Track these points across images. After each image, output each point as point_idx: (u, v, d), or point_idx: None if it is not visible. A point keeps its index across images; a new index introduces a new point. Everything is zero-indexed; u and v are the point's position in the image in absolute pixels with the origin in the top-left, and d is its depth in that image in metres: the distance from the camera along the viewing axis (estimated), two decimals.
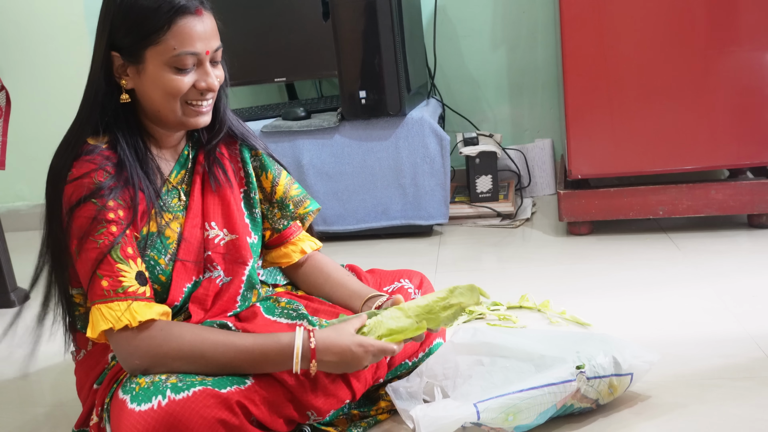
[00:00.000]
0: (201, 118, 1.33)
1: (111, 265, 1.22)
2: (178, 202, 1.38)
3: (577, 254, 2.32)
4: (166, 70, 1.26)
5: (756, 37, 2.25)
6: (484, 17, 3.03)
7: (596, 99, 2.34)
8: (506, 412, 1.30)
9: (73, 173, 1.25)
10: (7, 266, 2.35)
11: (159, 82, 1.27)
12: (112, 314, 1.21)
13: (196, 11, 1.26)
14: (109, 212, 1.24)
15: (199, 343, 1.24)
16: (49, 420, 1.63)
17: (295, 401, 1.28)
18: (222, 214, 1.41)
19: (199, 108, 1.32)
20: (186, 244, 1.36)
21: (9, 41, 3.22)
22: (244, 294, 1.42)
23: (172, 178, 1.39)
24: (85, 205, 1.23)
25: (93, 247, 1.23)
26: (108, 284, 1.22)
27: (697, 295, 1.92)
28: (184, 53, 1.25)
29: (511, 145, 3.07)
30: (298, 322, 1.39)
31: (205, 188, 1.41)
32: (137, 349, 1.23)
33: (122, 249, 1.24)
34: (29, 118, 3.23)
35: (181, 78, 1.27)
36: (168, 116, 1.31)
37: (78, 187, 1.24)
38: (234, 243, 1.41)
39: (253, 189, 1.48)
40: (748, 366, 1.53)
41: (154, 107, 1.31)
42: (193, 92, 1.30)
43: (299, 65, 2.88)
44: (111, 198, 1.24)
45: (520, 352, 1.44)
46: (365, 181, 2.60)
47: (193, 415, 1.16)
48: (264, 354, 1.25)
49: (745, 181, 2.35)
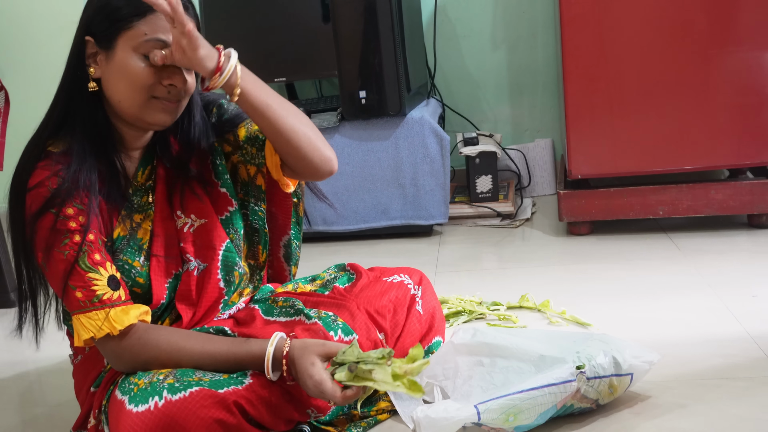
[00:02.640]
0: (162, 115, 1.27)
1: (81, 275, 1.22)
2: (147, 200, 1.37)
3: (577, 254, 2.32)
4: (134, 57, 1.24)
5: (756, 37, 2.25)
6: (484, 17, 3.03)
7: (596, 99, 2.34)
8: (507, 413, 1.30)
9: (30, 182, 1.24)
10: (7, 266, 2.34)
11: (125, 69, 1.24)
12: (92, 324, 1.22)
13: None
14: (69, 221, 1.22)
15: (175, 352, 1.26)
16: (49, 420, 1.63)
17: (294, 400, 1.27)
18: (187, 199, 1.39)
19: (166, 104, 1.27)
20: (157, 239, 1.35)
21: (9, 41, 3.22)
22: (226, 278, 1.40)
23: (139, 177, 1.37)
24: (45, 216, 1.22)
25: (60, 259, 1.22)
26: (82, 295, 1.22)
27: (697, 295, 1.92)
28: (154, 39, 1.23)
29: (511, 145, 3.07)
30: (295, 318, 1.39)
31: (167, 178, 1.39)
32: (120, 357, 1.26)
33: (89, 257, 1.23)
34: (29, 118, 3.20)
35: (148, 68, 1.24)
36: (129, 109, 1.26)
37: (36, 197, 1.23)
38: (204, 227, 1.38)
39: (217, 155, 1.42)
40: (748, 366, 1.53)
41: (116, 98, 1.26)
42: (159, 88, 1.26)
43: (299, 65, 2.88)
44: (70, 205, 1.22)
45: (520, 352, 1.43)
46: (365, 181, 2.60)
47: (190, 415, 1.16)
48: (237, 362, 1.26)
49: (745, 181, 2.35)
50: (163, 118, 1.28)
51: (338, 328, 1.36)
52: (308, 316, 1.38)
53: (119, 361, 1.26)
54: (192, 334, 1.30)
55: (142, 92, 1.25)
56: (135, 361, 1.25)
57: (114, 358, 1.26)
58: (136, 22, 1.23)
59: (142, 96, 1.25)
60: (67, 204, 1.22)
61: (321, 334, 1.33)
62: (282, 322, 1.40)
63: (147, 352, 1.25)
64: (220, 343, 1.27)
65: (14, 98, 2.42)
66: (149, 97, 1.26)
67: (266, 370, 1.24)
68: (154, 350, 1.25)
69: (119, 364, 1.27)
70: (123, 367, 1.27)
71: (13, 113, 2.38)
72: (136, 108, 1.26)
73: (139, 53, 1.24)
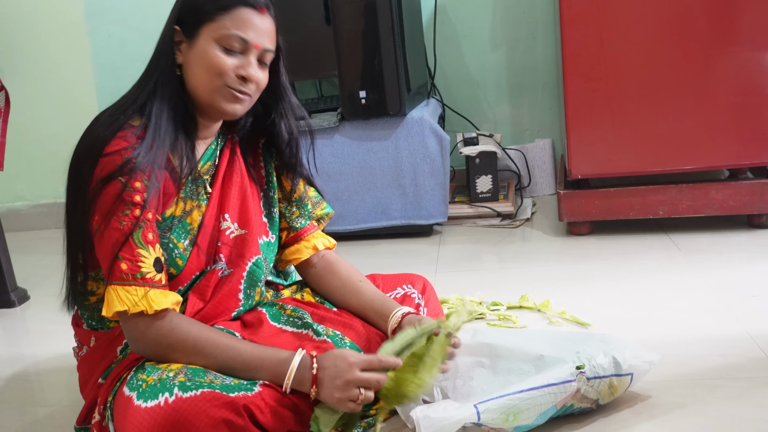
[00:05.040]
0: (234, 105, 1.34)
1: (132, 248, 1.24)
2: (202, 191, 1.40)
3: (577, 254, 2.32)
4: (214, 47, 1.31)
5: (756, 37, 2.25)
6: (484, 17, 3.03)
7: (596, 99, 2.34)
8: (506, 413, 1.30)
9: (107, 149, 1.26)
10: (7, 266, 2.35)
11: (204, 56, 1.31)
12: (129, 298, 1.23)
13: (259, 8, 1.33)
14: (135, 194, 1.25)
15: (203, 341, 1.27)
16: (49, 420, 1.63)
17: (300, 412, 1.28)
18: (238, 209, 1.43)
19: (237, 94, 1.33)
20: (204, 231, 1.38)
21: (9, 41, 3.22)
22: (246, 291, 1.43)
23: (200, 167, 1.41)
24: (112, 183, 1.25)
25: (116, 227, 1.24)
26: (127, 267, 1.24)
27: (697, 295, 1.92)
28: (234, 35, 1.30)
29: (511, 145, 3.07)
30: (303, 331, 1.41)
31: (226, 181, 1.44)
32: (145, 336, 1.26)
33: (143, 234, 1.26)
34: (29, 118, 3.23)
35: (225, 57, 1.31)
36: (204, 94, 1.33)
37: (109, 163, 1.25)
38: (242, 237, 1.42)
39: (272, 188, 1.50)
40: (748, 366, 1.53)
41: (194, 83, 1.33)
42: (233, 78, 1.32)
43: (299, 65, 2.88)
44: (138, 179, 1.25)
45: (520, 352, 1.44)
46: (365, 181, 2.60)
47: (200, 413, 1.16)
48: (261, 361, 1.27)
49: (745, 181, 2.35)
50: (235, 107, 1.34)
51: (346, 346, 1.39)
52: (317, 332, 1.40)
53: (141, 341, 1.27)
54: (219, 330, 1.33)
55: (216, 79, 1.31)
56: (158, 344, 1.26)
57: (136, 337, 1.27)
58: (220, 16, 1.31)
59: (216, 83, 1.31)
60: (136, 177, 1.25)
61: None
62: (290, 332, 1.42)
63: (174, 336, 1.26)
64: (246, 343, 1.31)
65: (14, 98, 2.42)
66: (223, 84, 1.32)
67: (288, 375, 1.25)
68: (184, 334, 1.27)
69: (139, 345, 1.28)
70: (142, 348, 1.28)
71: (13, 113, 2.38)
72: (210, 93, 1.33)
73: (219, 44, 1.31)
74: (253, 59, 1.33)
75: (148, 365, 1.27)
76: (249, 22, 1.31)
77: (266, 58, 1.36)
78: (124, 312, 1.24)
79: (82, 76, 3.21)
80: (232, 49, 1.31)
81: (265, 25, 1.34)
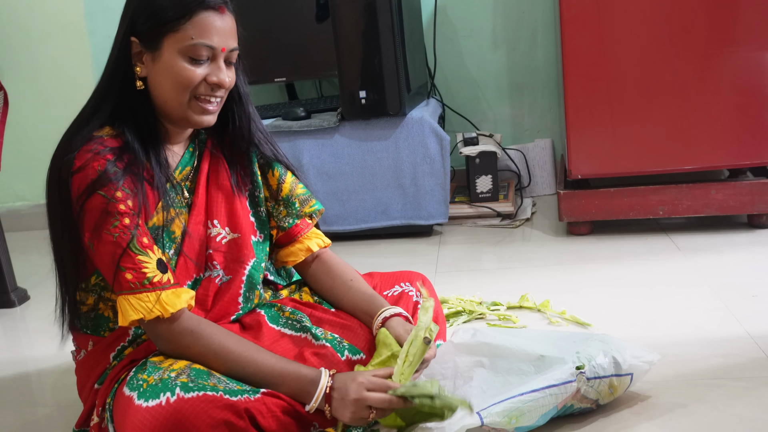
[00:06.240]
0: (206, 117, 1.34)
1: (131, 257, 1.24)
2: (181, 198, 1.39)
3: (577, 254, 2.32)
4: (181, 59, 1.28)
5: (756, 37, 2.25)
6: (484, 17, 3.03)
7: (596, 99, 2.34)
8: (509, 416, 1.29)
9: (76, 164, 1.25)
10: (7, 266, 2.35)
11: (172, 70, 1.28)
12: (142, 306, 1.23)
13: (218, 8, 1.29)
14: (119, 203, 1.24)
15: (224, 354, 1.27)
16: (49, 420, 1.63)
17: (300, 419, 1.28)
18: (226, 213, 1.42)
19: (206, 104, 1.32)
20: (190, 239, 1.37)
21: (9, 41, 3.22)
22: (246, 295, 1.42)
23: (177, 174, 1.39)
24: (93, 197, 1.24)
25: (109, 240, 1.24)
26: (132, 276, 1.24)
27: (697, 295, 1.92)
28: (201, 44, 1.28)
29: (511, 145, 3.07)
30: (301, 335, 1.41)
31: (210, 186, 1.42)
32: (170, 342, 1.27)
33: (138, 240, 1.25)
34: (29, 118, 3.23)
35: (194, 69, 1.29)
36: (174, 109, 1.31)
37: (83, 179, 1.25)
38: (236, 242, 1.41)
39: (258, 188, 1.48)
40: (748, 366, 1.53)
41: (162, 98, 1.31)
42: (203, 86, 1.31)
43: (299, 65, 2.88)
44: (119, 189, 1.24)
45: (520, 352, 1.43)
46: (365, 181, 2.60)
47: (201, 413, 1.16)
48: (282, 378, 1.27)
49: (745, 181, 2.35)
50: (207, 118, 1.34)
51: (344, 349, 1.39)
52: (315, 336, 1.40)
53: (168, 345, 1.28)
54: (242, 340, 1.32)
55: (186, 93, 1.30)
56: (184, 352, 1.27)
57: (163, 342, 1.28)
58: (182, 25, 1.27)
59: (186, 96, 1.30)
60: (115, 187, 1.24)
61: (330, 356, 1.36)
62: (289, 335, 1.41)
63: (197, 347, 1.27)
64: (268, 356, 1.30)
65: (14, 98, 2.42)
66: (192, 97, 1.31)
67: (315, 399, 1.25)
68: (206, 345, 1.27)
69: (168, 348, 1.28)
70: (171, 351, 1.28)
71: (13, 113, 2.38)
72: (180, 108, 1.31)
73: (185, 56, 1.28)
74: (222, 63, 1.31)
75: (150, 365, 1.26)
76: (211, 26, 1.28)
77: (233, 57, 1.35)
78: (140, 319, 1.24)
79: (82, 76, 3.21)
80: (200, 58, 1.29)
81: (227, 25, 1.31)
